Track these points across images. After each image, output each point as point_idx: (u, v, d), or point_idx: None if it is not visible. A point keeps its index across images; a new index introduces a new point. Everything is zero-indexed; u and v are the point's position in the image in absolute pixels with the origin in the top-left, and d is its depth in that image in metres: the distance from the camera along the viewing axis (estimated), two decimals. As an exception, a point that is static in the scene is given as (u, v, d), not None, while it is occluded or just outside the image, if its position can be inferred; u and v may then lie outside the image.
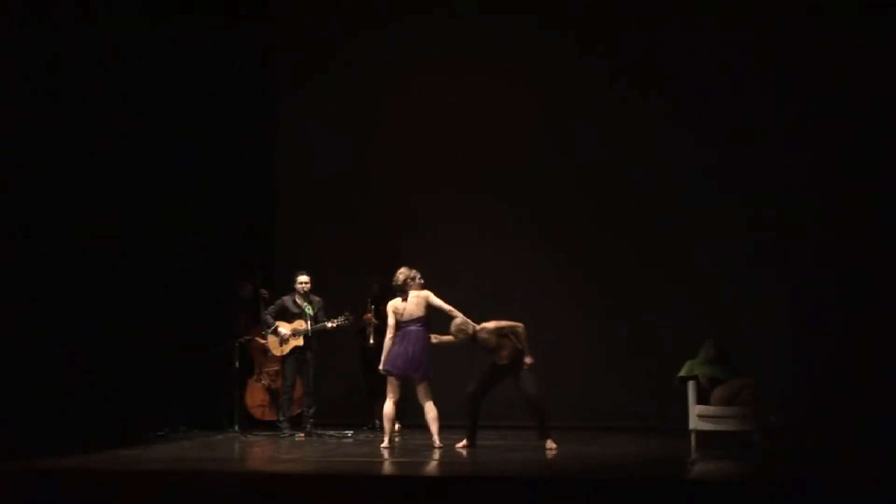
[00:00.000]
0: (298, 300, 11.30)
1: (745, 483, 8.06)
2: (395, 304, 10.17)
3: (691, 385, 10.09)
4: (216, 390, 11.90)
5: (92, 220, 10.65)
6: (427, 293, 10.16)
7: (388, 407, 10.13)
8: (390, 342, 10.10)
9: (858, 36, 11.76)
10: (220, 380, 11.84)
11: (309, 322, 11.20)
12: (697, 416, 10.01)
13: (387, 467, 9.10)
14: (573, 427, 11.60)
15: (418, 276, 10.27)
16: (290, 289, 11.42)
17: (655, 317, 12.07)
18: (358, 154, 13.01)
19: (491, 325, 9.95)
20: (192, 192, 12.05)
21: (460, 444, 10.06)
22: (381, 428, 10.35)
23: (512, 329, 9.97)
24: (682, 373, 10.18)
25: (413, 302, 10.13)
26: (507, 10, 12.72)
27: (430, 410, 10.03)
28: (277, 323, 11.30)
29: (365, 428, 11.61)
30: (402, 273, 10.21)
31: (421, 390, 10.05)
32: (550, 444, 9.89)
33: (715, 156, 12.16)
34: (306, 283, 11.29)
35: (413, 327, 10.08)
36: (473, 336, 9.91)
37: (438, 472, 8.73)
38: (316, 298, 11.33)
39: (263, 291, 11.93)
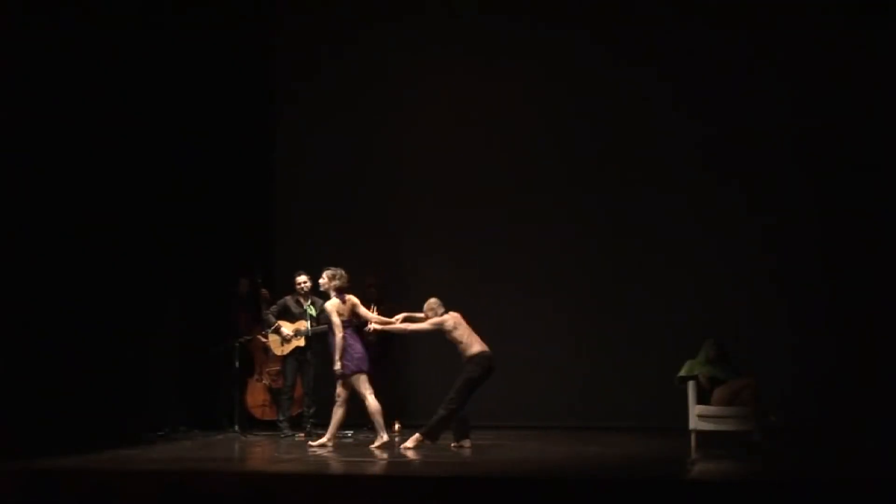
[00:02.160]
0: (301, 301, 11.31)
1: (745, 483, 8.06)
2: (338, 305, 10.18)
3: (691, 385, 10.09)
4: (216, 390, 11.89)
5: (92, 220, 10.65)
6: (354, 298, 10.33)
7: (376, 403, 10.13)
8: (343, 342, 10.08)
9: (859, 36, 11.76)
10: (220, 380, 11.83)
11: (310, 323, 11.20)
12: (697, 416, 10.01)
13: (387, 467, 9.09)
14: (573, 427, 11.63)
15: None
16: (290, 289, 11.42)
17: (655, 317, 12.07)
18: (358, 154, 13.00)
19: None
20: (193, 192, 12.04)
21: (456, 444, 10.08)
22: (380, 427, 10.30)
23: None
24: (682, 373, 10.19)
25: (350, 302, 10.23)
26: (508, 10, 12.72)
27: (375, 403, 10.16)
28: (279, 322, 11.30)
29: (365, 428, 11.58)
30: (341, 275, 10.28)
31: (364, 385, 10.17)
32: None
33: (716, 156, 12.16)
34: (305, 283, 11.29)
35: (350, 328, 10.16)
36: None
37: (438, 472, 8.72)
38: (318, 300, 11.32)
39: (264, 291, 11.92)
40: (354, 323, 10.26)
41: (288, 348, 11.29)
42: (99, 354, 10.64)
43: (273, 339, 11.37)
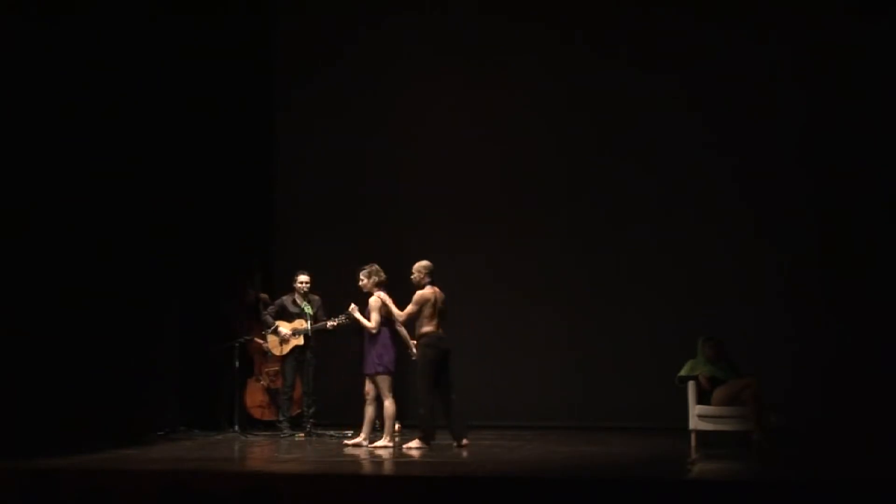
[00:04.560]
0: (298, 300, 11.31)
1: (745, 483, 8.06)
2: (379, 301, 10.29)
3: (691, 385, 10.10)
4: (216, 390, 11.89)
5: (92, 220, 10.63)
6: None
7: (393, 407, 10.15)
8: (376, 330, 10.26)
9: (861, 34, 11.77)
10: (220, 380, 11.83)
11: (309, 321, 11.21)
12: (697, 416, 10.02)
13: (387, 467, 9.10)
14: (573, 427, 11.63)
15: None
16: (289, 289, 11.43)
17: (656, 317, 12.06)
18: (358, 154, 12.99)
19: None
20: (193, 193, 12.04)
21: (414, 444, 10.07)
22: (383, 428, 10.29)
23: None
24: (682, 373, 10.20)
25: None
26: (507, 11, 12.72)
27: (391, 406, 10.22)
28: (277, 323, 11.31)
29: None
30: (377, 270, 10.43)
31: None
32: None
33: (715, 156, 12.16)
34: (306, 282, 11.31)
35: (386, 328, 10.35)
36: None
37: (438, 472, 8.73)
38: (315, 298, 11.34)
39: (263, 295, 11.91)
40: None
41: (287, 348, 11.30)
42: (99, 354, 10.63)
43: (271, 340, 11.37)
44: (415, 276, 10.32)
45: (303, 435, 11.10)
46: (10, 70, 9.91)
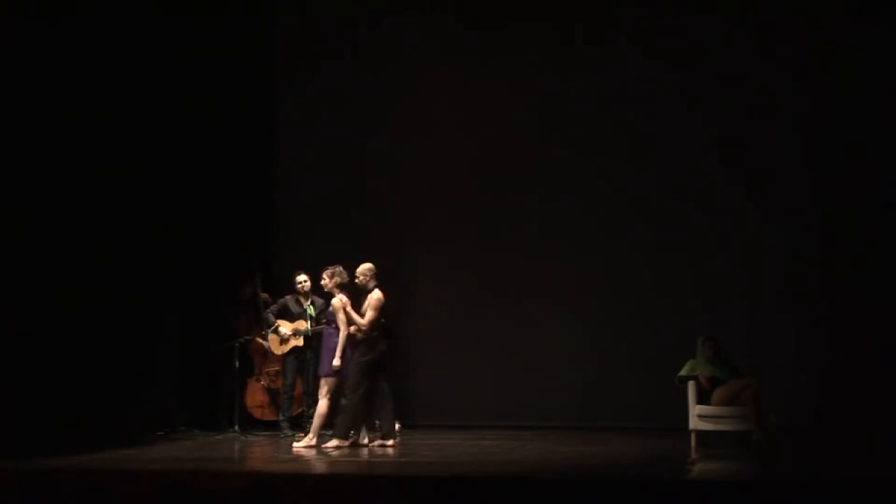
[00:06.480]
0: (301, 300, 11.32)
1: (745, 483, 8.07)
2: (343, 302, 10.18)
3: (691, 385, 10.10)
4: (216, 390, 11.89)
5: (92, 220, 10.63)
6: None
7: (325, 408, 10.18)
8: (346, 340, 10.15)
9: (861, 35, 11.78)
10: (220, 380, 11.83)
11: (309, 323, 11.21)
12: (697, 416, 10.02)
13: (387, 467, 9.10)
14: (573, 427, 11.63)
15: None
16: (289, 289, 11.43)
17: (656, 317, 12.06)
18: (358, 154, 12.99)
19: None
20: (193, 193, 12.03)
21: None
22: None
23: None
24: (683, 373, 10.20)
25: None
26: (508, 10, 12.71)
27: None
28: (278, 322, 11.31)
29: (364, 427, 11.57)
30: (340, 271, 10.30)
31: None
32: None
33: (715, 156, 12.17)
34: (305, 282, 11.32)
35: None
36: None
37: (438, 472, 8.73)
38: (318, 300, 11.32)
39: (264, 295, 11.90)
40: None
41: (286, 348, 11.31)
42: (99, 354, 10.63)
43: (272, 339, 11.38)
44: (360, 279, 10.22)
45: (303, 435, 11.09)
46: (10, 70, 9.91)
